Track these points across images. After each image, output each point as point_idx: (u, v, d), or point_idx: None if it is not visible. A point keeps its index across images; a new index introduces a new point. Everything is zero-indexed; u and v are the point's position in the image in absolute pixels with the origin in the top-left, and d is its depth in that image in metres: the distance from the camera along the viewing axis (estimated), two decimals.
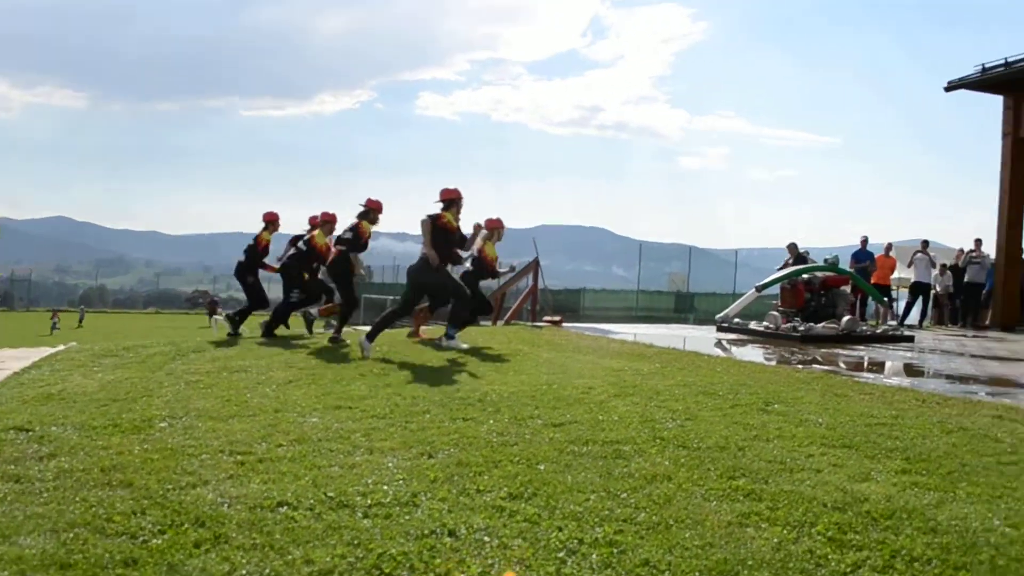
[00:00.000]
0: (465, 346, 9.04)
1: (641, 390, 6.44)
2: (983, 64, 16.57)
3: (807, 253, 17.21)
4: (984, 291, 18.48)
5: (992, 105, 17.51)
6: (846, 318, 13.16)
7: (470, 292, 10.27)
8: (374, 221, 10.58)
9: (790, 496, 3.72)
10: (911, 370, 9.31)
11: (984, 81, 16.73)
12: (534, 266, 15.56)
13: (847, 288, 14.71)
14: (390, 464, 4.23)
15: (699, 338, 12.69)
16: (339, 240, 10.56)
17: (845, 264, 16.66)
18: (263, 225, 11.95)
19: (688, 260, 38.97)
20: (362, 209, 10.50)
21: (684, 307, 34.27)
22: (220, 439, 4.77)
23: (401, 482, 3.92)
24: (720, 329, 14.03)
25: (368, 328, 10.52)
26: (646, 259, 42.12)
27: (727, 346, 11.57)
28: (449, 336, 8.70)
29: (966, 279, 18.53)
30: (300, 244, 11.32)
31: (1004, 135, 17.22)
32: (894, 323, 17.68)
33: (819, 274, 14.12)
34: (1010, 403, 6.44)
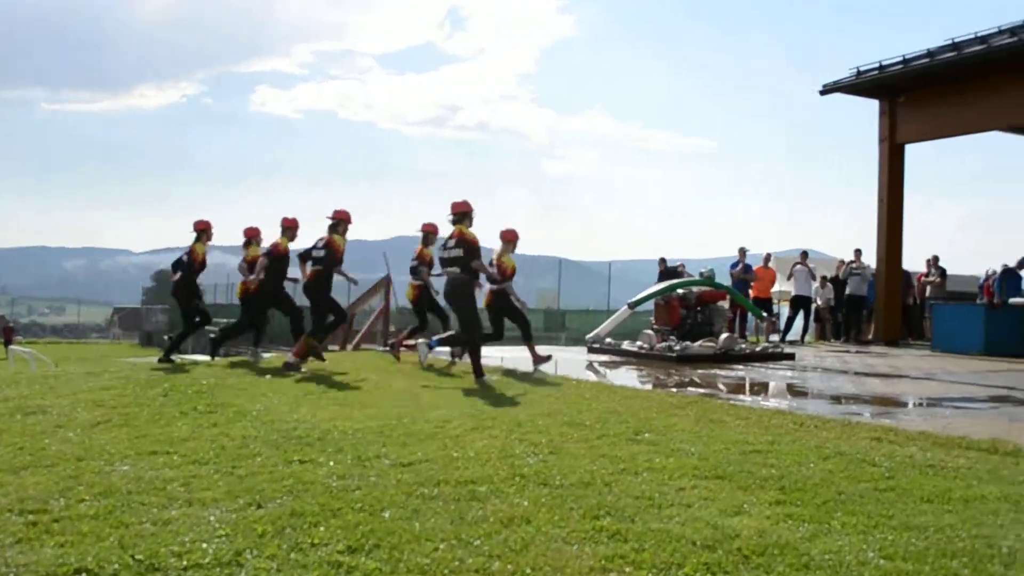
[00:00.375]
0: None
1: (502, 422, 6.48)
2: (858, 67, 17.58)
3: (682, 266, 17.75)
4: (867, 304, 19.48)
5: (869, 109, 18.60)
6: (724, 336, 13.64)
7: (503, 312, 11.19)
8: (344, 232, 10.90)
9: (658, 535, 3.80)
10: (791, 391, 9.72)
11: (858, 85, 17.74)
12: (386, 284, 15.46)
13: (724, 303, 15.27)
14: (212, 518, 4.09)
15: (570, 360, 12.88)
16: (312, 259, 10.83)
17: (723, 278, 17.29)
18: (195, 235, 11.81)
19: (558, 274, 39.52)
20: (331, 222, 10.85)
21: (555, 326, 34.71)
22: (9, 496, 4.51)
23: (224, 538, 3.80)
24: (591, 350, 14.29)
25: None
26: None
27: (599, 369, 11.79)
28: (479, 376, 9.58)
29: (847, 292, 19.48)
30: (264, 256, 11.37)
31: (880, 141, 18.29)
32: (776, 339, 18.43)
33: (695, 289, 14.60)
34: (889, 424, 6.80)
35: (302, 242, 11.41)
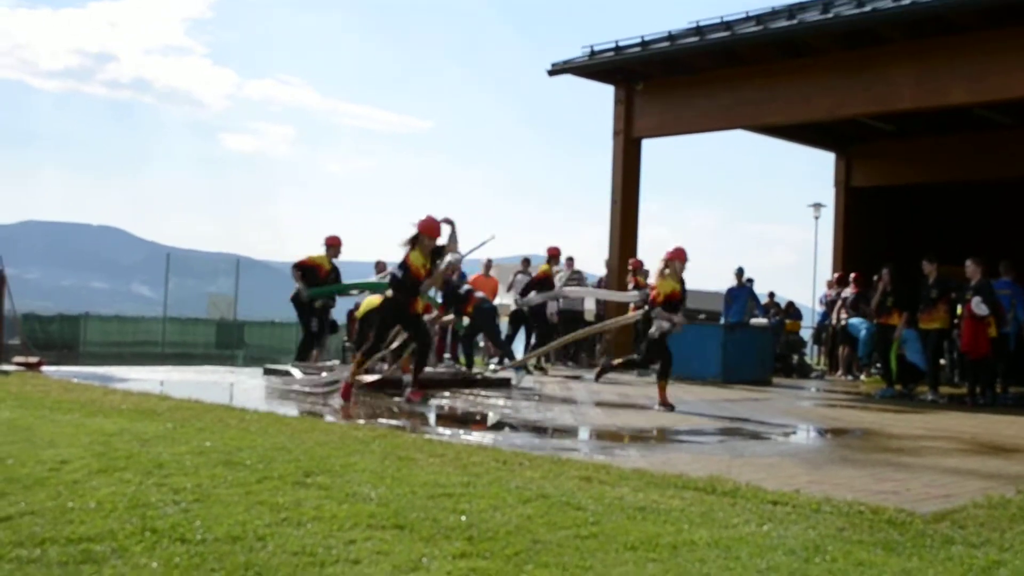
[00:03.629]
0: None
1: (138, 462, 6.31)
2: (591, 46, 18.42)
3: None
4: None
5: (606, 97, 19.57)
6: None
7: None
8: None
9: None
10: (500, 423, 10.10)
11: (591, 67, 18.61)
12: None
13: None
14: None
15: (245, 387, 12.75)
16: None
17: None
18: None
19: (236, 275, 38.75)
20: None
21: (230, 342, 34.03)
22: None
23: None
24: (268, 372, 14.18)
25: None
26: (180, 273, 41.26)
27: (279, 395, 11.76)
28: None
29: (559, 306, 20.31)
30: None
31: (615, 134, 19.24)
32: (496, 359, 18.93)
33: None
34: (603, 460, 7.22)
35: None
